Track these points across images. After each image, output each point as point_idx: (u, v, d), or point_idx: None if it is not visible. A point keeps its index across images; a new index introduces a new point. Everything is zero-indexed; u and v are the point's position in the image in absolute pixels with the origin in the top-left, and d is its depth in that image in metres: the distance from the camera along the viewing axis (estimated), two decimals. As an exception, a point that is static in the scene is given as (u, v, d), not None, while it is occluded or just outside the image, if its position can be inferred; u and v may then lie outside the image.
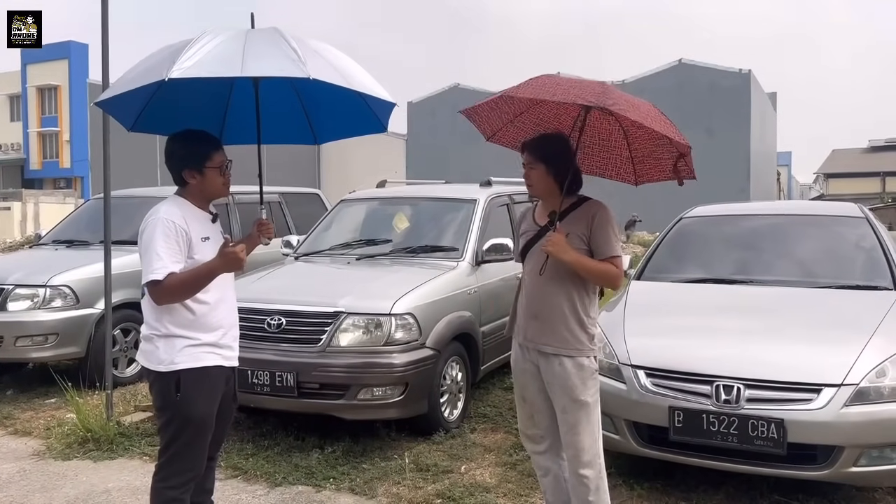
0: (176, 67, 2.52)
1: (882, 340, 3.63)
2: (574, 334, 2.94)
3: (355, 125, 3.28)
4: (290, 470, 4.21)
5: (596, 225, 2.94)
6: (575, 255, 2.86)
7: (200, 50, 2.61)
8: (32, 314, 5.87)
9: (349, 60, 2.97)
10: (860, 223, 5.02)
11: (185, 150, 2.83)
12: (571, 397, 2.93)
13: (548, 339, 2.96)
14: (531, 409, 3.11)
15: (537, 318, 3.00)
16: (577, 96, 2.70)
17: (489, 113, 3.20)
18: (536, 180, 3.01)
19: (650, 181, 3.23)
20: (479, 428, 4.97)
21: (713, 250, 5.21)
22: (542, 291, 2.98)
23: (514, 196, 6.47)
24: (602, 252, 2.93)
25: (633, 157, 3.18)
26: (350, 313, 4.47)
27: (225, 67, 2.56)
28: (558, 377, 2.94)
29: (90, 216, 7.45)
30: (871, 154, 48.83)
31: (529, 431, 3.15)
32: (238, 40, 2.64)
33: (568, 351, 2.93)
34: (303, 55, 2.59)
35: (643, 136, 3.04)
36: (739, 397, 3.44)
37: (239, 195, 7.46)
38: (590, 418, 2.95)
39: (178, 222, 2.72)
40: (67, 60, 44.54)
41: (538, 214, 3.13)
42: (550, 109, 3.15)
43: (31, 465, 4.48)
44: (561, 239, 2.84)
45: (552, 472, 3.13)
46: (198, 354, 2.77)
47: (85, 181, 45.10)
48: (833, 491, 3.77)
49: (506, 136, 3.30)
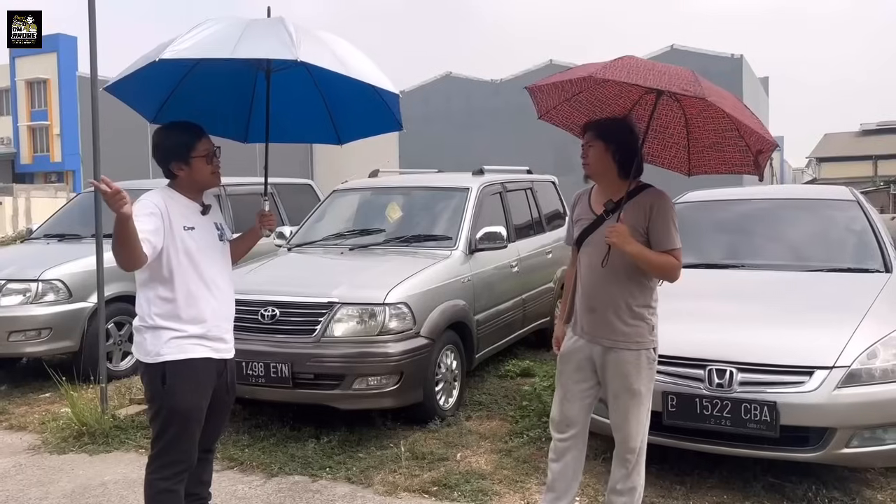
0: (170, 49, 2.55)
1: (873, 322, 3.66)
2: (632, 327, 2.91)
3: (376, 124, 3.30)
4: (287, 460, 4.22)
5: (655, 215, 2.87)
6: (638, 247, 2.81)
7: (200, 34, 2.64)
8: (25, 309, 5.86)
9: (355, 51, 2.96)
10: (851, 206, 5.04)
11: (168, 142, 2.82)
12: (625, 385, 2.92)
13: (606, 333, 2.93)
14: (563, 396, 3.08)
15: (595, 311, 2.96)
16: (671, 83, 2.62)
17: (551, 90, 3.10)
18: (593, 158, 2.93)
19: (706, 172, 3.18)
20: (474, 416, 4.99)
21: (706, 235, 5.22)
22: (601, 284, 2.94)
23: (506, 184, 6.47)
24: (661, 244, 2.87)
25: (691, 147, 3.13)
26: (344, 303, 4.47)
27: (217, 49, 2.58)
28: (614, 365, 2.93)
29: (81, 210, 7.42)
30: (863, 138, 48.94)
31: (557, 418, 3.12)
32: (238, 27, 2.66)
33: (627, 344, 2.91)
34: (297, 40, 2.58)
35: (707, 126, 3.00)
36: (732, 381, 3.46)
37: (231, 186, 7.44)
38: (640, 407, 2.95)
39: (160, 205, 2.72)
40: (56, 54, 44.17)
41: (594, 201, 3.05)
42: (611, 91, 3.08)
43: (26, 459, 4.48)
44: (624, 230, 2.78)
45: (564, 459, 3.11)
46: (184, 346, 2.76)
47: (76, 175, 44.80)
48: (825, 472, 3.80)
49: (559, 114, 3.21)
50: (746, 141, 2.92)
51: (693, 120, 3.04)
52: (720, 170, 3.12)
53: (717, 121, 2.95)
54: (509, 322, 5.88)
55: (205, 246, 2.85)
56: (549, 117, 3.24)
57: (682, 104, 2.99)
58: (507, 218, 6.20)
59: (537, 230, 6.80)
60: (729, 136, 2.98)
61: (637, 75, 2.66)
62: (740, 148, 2.98)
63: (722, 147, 3.05)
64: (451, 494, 3.75)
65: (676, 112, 3.05)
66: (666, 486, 3.77)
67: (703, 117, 2.98)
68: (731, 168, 3.08)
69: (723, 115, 2.84)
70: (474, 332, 5.26)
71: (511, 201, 6.41)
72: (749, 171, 3.01)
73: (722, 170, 3.11)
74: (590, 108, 3.14)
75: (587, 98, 3.12)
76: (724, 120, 2.91)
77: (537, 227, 6.83)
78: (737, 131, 2.91)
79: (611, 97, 3.11)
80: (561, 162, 24.67)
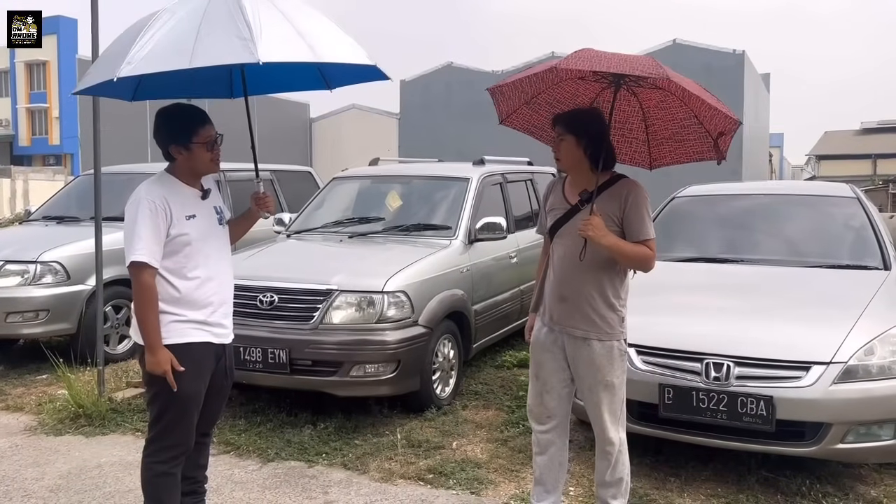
0: (126, 62, 2.50)
1: (871, 319, 3.66)
2: (604, 318, 2.91)
3: (362, 72, 3.19)
4: (283, 445, 4.23)
5: (630, 205, 2.87)
6: (614, 240, 2.80)
7: (154, 36, 2.56)
8: (23, 290, 5.85)
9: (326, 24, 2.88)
10: (851, 203, 5.04)
11: (170, 126, 2.80)
12: (598, 378, 2.93)
13: (576, 323, 2.94)
14: (542, 388, 3.08)
15: (566, 301, 2.96)
16: (633, 68, 2.62)
17: (511, 92, 3.10)
18: (565, 152, 2.93)
19: (668, 164, 3.18)
20: (470, 405, 5.00)
21: (705, 229, 5.22)
22: (574, 274, 2.93)
23: (507, 175, 6.46)
24: (636, 234, 2.87)
25: (651, 141, 3.13)
26: (343, 291, 4.47)
27: (174, 59, 2.51)
28: (585, 358, 2.94)
29: (80, 192, 7.41)
30: (863, 136, 48.88)
31: (537, 410, 3.12)
32: (194, 19, 2.57)
33: (598, 334, 2.92)
34: (257, 32, 2.50)
35: (665, 117, 2.99)
36: (729, 375, 3.47)
37: (230, 172, 7.42)
38: (614, 399, 2.96)
39: (159, 202, 2.70)
40: (56, 36, 43.90)
41: (568, 191, 3.04)
42: (568, 90, 3.08)
43: (23, 440, 4.48)
44: (600, 223, 2.77)
45: (549, 452, 3.12)
46: (184, 330, 2.76)
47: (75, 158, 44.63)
48: (820, 467, 3.82)
49: (519, 117, 3.21)
50: (706, 127, 2.92)
51: (651, 112, 3.04)
52: (682, 160, 3.13)
53: (675, 111, 2.96)
54: (507, 313, 5.88)
55: (206, 232, 2.84)
56: (510, 122, 3.24)
57: (639, 98, 2.99)
58: (506, 209, 6.19)
59: (537, 222, 6.78)
60: (688, 125, 2.99)
61: (600, 63, 2.65)
62: (700, 135, 2.99)
63: (681, 136, 3.06)
64: (446, 482, 3.77)
65: (634, 106, 3.05)
66: (660, 479, 3.78)
67: (661, 108, 2.98)
68: (693, 156, 3.09)
69: (680, 103, 2.86)
70: (472, 321, 5.26)
71: (511, 192, 6.41)
72: (710, 156, 3.00)
73: (684, 159, 3.12)
74: (548, 110, 3.14)
75: (545, 99, 3.13)
76: (682, 109, 2.92)
77: (537, 219, 6.81)
78: (695, 118, 2.91)
79: (568, 96, 3.11)
80: (561, 154, 24.57)
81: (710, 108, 2.78)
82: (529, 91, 3.08)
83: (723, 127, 2.88)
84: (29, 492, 3.74)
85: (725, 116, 2.82)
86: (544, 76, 2.94)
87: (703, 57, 36.95)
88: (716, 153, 2.97)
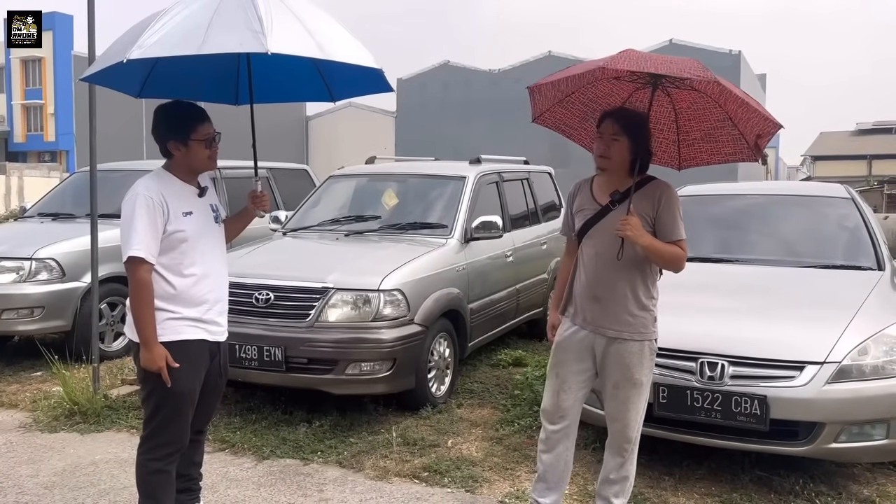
0: (136, 46, 2.51)
1: (865, 319, 3.68)
2: (637, 317, 2.92)
3: (365, 84, 3.24)
4: (278, 443, 4.23)
5: (663, 206, 2.88)
6: (650, 240, 2.80)
7: (166, 25, 2.58)
8: (18, 287, 5.84)
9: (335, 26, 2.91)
10: (846, 204, 5.06)
11: (169, 122, 2.80)
12: (627, 375, 2.93)
13: (610, 323, 2.93)
14: (560, 386, 3.06)
15: (599, 302, 2.95)
16: (680, 70, 2.61)
17: (549, 91, 3.07)
18: (617, 153, 2.89)
19: (698, 164, 3.18)
20: (465, 403, 5.01)
21: (702, 229, 5.22)
22: (608, 274, 2.92)
23: (503, 174, 6.47)
24: (669, 234, 2.87)
25: (681, 141, 3.13)
26: (339, 289, 4.47)
27: (185, 45, 2.53)
28: (617, 356, 2.94)
29: (76, 189, 7.39)
30: (858, 137, 49.03)
31: (551, 409, 3.09)
32: (208, 11, 2.60)
33: (631, 334, 2.92)
34: (268, 25, 2.53)
35: (698, 118, 2.99)
36: (724, 374, 3.48)
37: (227, 169, 7.41)
38: (641, 397, 2.97)
39: (156, 198, 2.70)
40: (52, 32, 43.76)
41: (597, 191, 3.02)
42: (602, 89, 3.07)
43: (17, 437, 4.47)
44: (638, 223, 2.77)
45: (556, 450, 3.10)
46: (178, 328, 2.76)
47: (70, 155, 44.56)
48: (813, 466, 3.84)
49: (552, 116, 3.19)
50: (740, 129, 2.93)
51: (683, 113, 3.04)
52: (713, 160, 3.12)
53: (708, 112, 2.96)
54: (503, 311, 5.89)
55: (202, 230, 2.84)
56: (543, 120, 3.23)
57: (672, 98, 3.00)
58: (503, 208, 6.20)
59: (533, 221, 6.80)
60: (721, 127, 2.99)
61: (647, 64, 2.65)
62: (733, 137, 2.99)
63: (714, 138, 3.06)
64: (441, 480, 3.77)
65: (667, 107, 3.05)
66: (654, 477, 3.79)
67: (694, 109, 2.98)
68: (725, 157, 3.09)
69: (714, 104, 2.86)
70: (468, 320, 5.27)
71: (507, 191, 6.41)
72: (745, 158, 3.01)
73: (714, 160, 3.12)
74: (581, 109, 3.14)
75: (579, 98, 3.12)
76: (716, 110, 2.92)
77: (533, 218, 6.83)
78: (730, 120, 2.92)
79: (602, 96, 3.11)
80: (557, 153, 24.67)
81: (750, 109, 2.78)
82: (566, 89, 3.07)
83: (761, 129, 2.89)
84: (24, 489, 3.74)
85: (765, 119, 2.83)
86: (585, 76, 2.93)
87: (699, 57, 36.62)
88: (754, 154, 2.97)
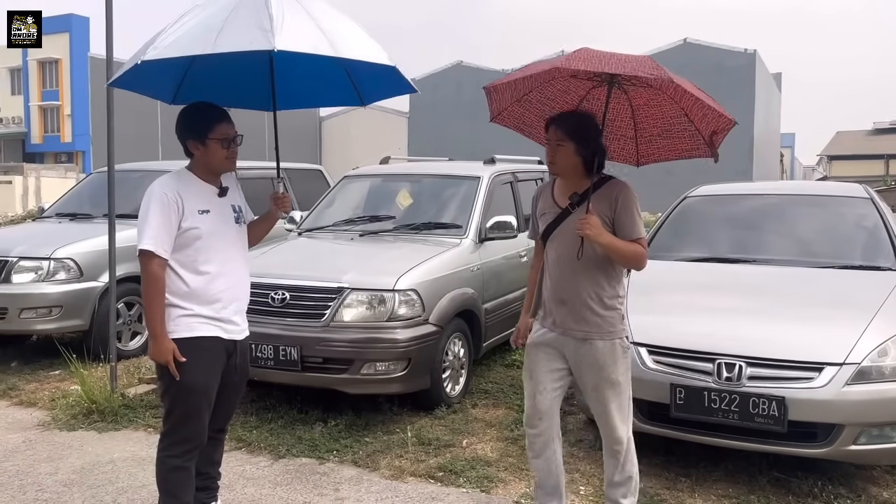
0: (152, 48, 2.56)
1: (884, 320, 3.65)
2: (604, 317, 2.92)
3: (392, 86, 3.25)
4: (294, 442, 4.25)
5: (620, 206, 2.88)
6: (610, 238, 2.81)
7: (185, 25, 2.62)
8: (37, 286, 5.89)
9: (351, 26, 2.92)
10: (865, 204, 5.01)
11: (188, 122, 2.85)
12: (602, 376, 2.93)
13: (577, 324, 2.94)
14: (536, 388, 3.07)
15: (566, 304, 2.96)
16: (635, 69, 2.61)
17: (505, 90, 3.09)
18: (563, 158, 2.91)
19: (656, 161, 3.19)
20: (480, 403, 5.00)
21: (717, 229, 5.20)
22: (571, 275, 2.93)
23: (517, 174, 6.46)
24: (628, 233, 2.88)
25: (638, 138, 3.14)
26: (354, 289, 4.49)
27: (198, 45, 2.56)
28: (588, 357, 2.93)
29: (93, 189, 7.45)
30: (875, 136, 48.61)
31: (530, 412, 3.11)
32: (224, 12, 2.63)
33: (600, 334, 2.92)
34: (278, 23, 2.55)
35: (654, 115, 3.00)
36: (741, 375, 3.46)
37: (243, 170, 7.43)
38: (621, 397, 2.96)
39: (171, 195, 2.75)
40: (69, 34, 44.21)
41: (557, 194, 3.04)
42: (559, 87, 3.08)
43: (36, 435, 4.52)
44: (597, 222, 2.77)
45: (544, 455, 3.10)
46: (192, 324, 2.80)
47: (86, 156, 44.96)
48: (832, 468, 3.81)
49: (510, 115, 3.21)
50: (697, 125, 2.93)
51: (640, 109, 3.04)
52: (670, 156, 3.13)
53: (664, 108, 2.96)
54: (517, 311, 5.85)
55: (220, 229, 2.87)
56: (501, 119, 3.24)
57: (629, 95, 2.99)
58: (517, 208, 6.19)
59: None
60: (677, 123, 2.99)
61: (602, 64, 2.64)
62: (689, 132, 2.99)
63: (671, 134, 3.06)
64: (456, 480, 3.77)
65: (623, 104, 3.05)
66: (671, 479, 3.77)
67: (650, 106, 2.98)
68: (682, 154, 3.09)
69: (670, 101, 2.87)
70: (482, 320, 5.26)
71: (522, 191, 6.40)
72: (702, 154, 3.01)
73: (672, 156, 3.12)
74: (539, 107, 3.14)
75: (536, 97, 3.12)
76: (671, 106, 2.92)
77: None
78: (686, 116, 2.91)
79: (559, 94, 3.10)
80: (571, 153, 24.52)
81: (704, 105, 2.78)
82: (522, 88, 3.08)
83: (716, 125, 2.89)
84: (43, 486, 3.77)
85: (719, 115, 2.83)
86: (541, 75, 2.93)
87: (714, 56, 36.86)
88: (710, 149, 2.97)
